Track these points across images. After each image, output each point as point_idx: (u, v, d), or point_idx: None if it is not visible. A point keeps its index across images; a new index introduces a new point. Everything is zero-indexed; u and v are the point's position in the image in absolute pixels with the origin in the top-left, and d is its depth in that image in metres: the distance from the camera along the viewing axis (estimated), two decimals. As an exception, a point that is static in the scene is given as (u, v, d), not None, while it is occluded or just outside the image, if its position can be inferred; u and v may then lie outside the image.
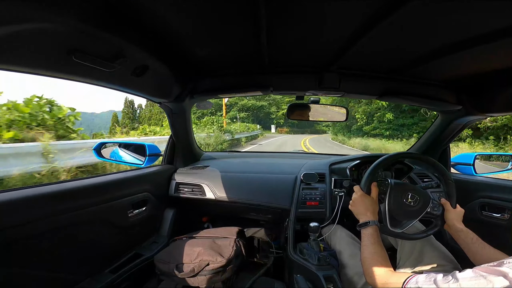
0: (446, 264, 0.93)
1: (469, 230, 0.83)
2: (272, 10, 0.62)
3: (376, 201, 0.90)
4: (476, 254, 0.78)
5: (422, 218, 0.91)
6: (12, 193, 0.77)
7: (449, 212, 0.90)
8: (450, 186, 0.97)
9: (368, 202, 0.88)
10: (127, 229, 1.21)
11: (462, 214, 0.90)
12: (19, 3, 0.46)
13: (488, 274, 0.48)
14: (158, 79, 1.01)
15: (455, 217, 0.88)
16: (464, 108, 1.14)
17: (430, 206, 0.92)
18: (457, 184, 0.95)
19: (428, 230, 0.94)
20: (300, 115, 1.37)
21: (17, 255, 0.77)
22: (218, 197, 1.45)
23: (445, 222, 0.91)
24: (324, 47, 0.86)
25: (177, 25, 0.73)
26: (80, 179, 1.02)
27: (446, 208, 0.91)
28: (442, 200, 0.94)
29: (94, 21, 0.61)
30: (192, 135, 1.58)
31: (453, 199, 0.93)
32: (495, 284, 0.46)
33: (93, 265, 1.04)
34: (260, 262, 1.50)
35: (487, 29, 0.64)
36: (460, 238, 0.84)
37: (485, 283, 0.47)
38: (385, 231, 0.90)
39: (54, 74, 0.70)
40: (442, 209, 0.92)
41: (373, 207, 0.87)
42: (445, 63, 0.89)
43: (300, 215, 1.31)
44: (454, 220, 0.88)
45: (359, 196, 0.91)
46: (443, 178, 1.00)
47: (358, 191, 0.94)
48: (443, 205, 0.93)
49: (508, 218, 1.12)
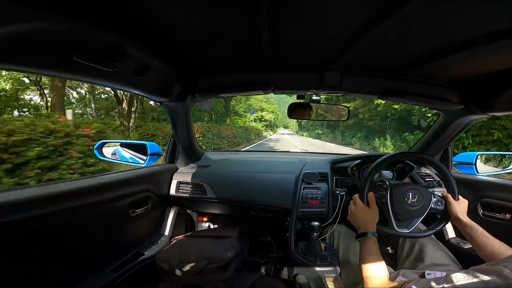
0: (449, 264, 0.93)
1: (475, 223, 0.82)
2: (274, 8, 0.62)
3: (374, 211, 0.88)
4: (482, 248, 0.77)
5: (427, 215, 0.90)
6: (13, 192, 0.77)
7: (452, 205, 0.89)
8: (448, 179, 0.96)
9: (366, 213, 0.88)
10: (129, 228, 1.21)
11: (466, 206, 0.89)
12: (18, 2, 0.46)
13: (481, 274, 0.47)
14: (159, 78, 1.01)
15: (459, 210, 0.88)
16: (466, 108, 1.14)
17: (432, 201, 0.91)
18: (458, 184, 0.94)
19: (436, 226, 0.93)
20: (301, 114, 1.37)
21: (18, 255, 0.77)
22: (219, 197, 1.45)
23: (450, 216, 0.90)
24: (326, 45, 0.86)
25: (178, 24, 0.73)
26: (82, 179, 1.03)
27: (449, 201, 0.90)
28: (444, 194, 0.93)
29: (94, 20, 0.60)
30: (193, 134, 1.58)
31: (454, 192, 0.92)
32: (488, 283, 0.45)
33: (94, 264, 1.04)
34: (261, 262, 1.50)
35: (490, 29, 0.64)
36: (465, 231, 0.83)
37: (479, 283, 0.46)
38: (393, 234, 0.90)
39: (55, 74, 0.71)
40: (445, 203, 0.92)
41: (371, 218, 0.86)
42: (448, 62, 0.88)
43: (301, 214, 1.31)
44: (459, 213, 0.87)
45: (358, 208, 0.90)
46: (440, 172, 1.00)
47: (356, 202, 0.92)
48: (445, 199, 0.92)
49: (510, 218, 1.12)
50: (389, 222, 0.88)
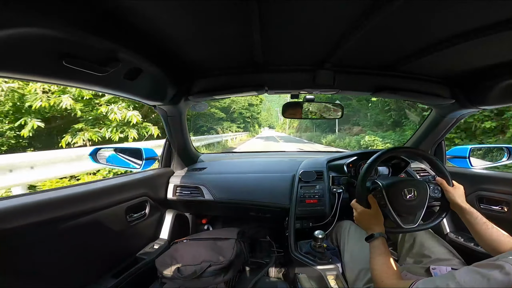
0: (451, 258, 0.94)
1: (474, 209, 0.82)
2: (265, 9, 0.62)
3: (377, 212, 0.88)
4: (482, 235, 0.77)
5: (428, 207, 0.90)
6: (12, 200, 0.76)
7: (448, 191, 0.89)
8: (436, 165, 0.96)
9: (370, 215, 0.87)
10: (127, 233, 1.20)
11: (462, 191, 0.89)
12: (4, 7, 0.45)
13: (484, 270, 0.48)
14: (152, 82, 1.00)
15: (456, 195, 0.88)
16: (457, 102, 1.15)
17: (429, 190, 0.92)
18: (453, 178, 0.95)
19: (438, 216, 0.93)
20: (295, 113, 1.37)
21: (18, 262, 0.76)
22: (217, 198, 1.45)
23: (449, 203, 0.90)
24: (318, 44, 0.87)
25: (169, 27, 0.72)
26: (78, 185, 1.01)
27: (444, 187, 0.90)
28: (438, 179, 0.92)
29: (83, 24, 0.60)
30: (188, 137, 1.57)
31: (446, 177, 0.92)
32: (490, 279, 0.46)
33: (94, 270, 1.03)
34: (262, 262, 1.50)
35: (479, 24, 0.65)
36: (465, 218, 0.83)
37: (480, 279, 0.47)
38: (402, 231, 0.90)
39: (43, 79, 0.69)
40: (442, 190, 0.92)
41: (375, 220, 0.86)
42: (438, 57, 0.89)
43: (299, 214, 1.31)
44: (456, 198, 0.87)
45: (360, 212, 0.89)
46: (427, 160, 1.00)
47: (356, 207, 0.91)
48: (440, 185, 0.92)
49: (507, 210, 1.13)
50: (395, 221, 0.88)
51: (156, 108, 1.29)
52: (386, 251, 0.78)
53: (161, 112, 1.33)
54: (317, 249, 1.07)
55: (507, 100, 1.04)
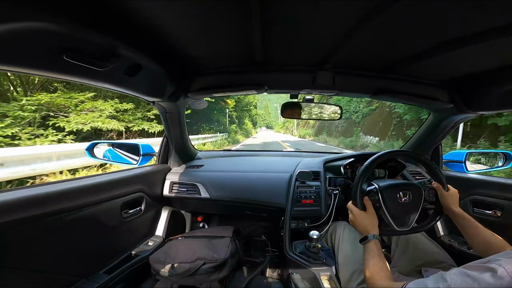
0: (443, 261, 0.95)
1: (466, 214, 0.84)
2: (266, 8, 0.62)
3: (372, 214, 0.88)
4: (474, 237, 0.79)
5: (422, 210, 0.92)
6: (4, 194, 0.75)
7: (443, 196, 0.91)
8: (433, 169, 0.98)
9: (364, 218, 0.88)
10: (122, 229, 1.19)
11: (457, 196, 0.91)
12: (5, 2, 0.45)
13: (474, 272, 0.48)
14: (152, 78, 1.00)
15: (450, 200, 0.90)
16: (455, 107, 1.16)
17: (424, 193, 0.93)
18: (448, 182, 0.96)
19: (431, 220, 0.95)
20: (294, 114, 1.37)
21: (10, 257, 0.75)
22: (213, 196, 1.45)
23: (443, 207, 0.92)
24: (318, 45, 0.87)
25: (170, 24, 0.72)
26: (74, 180, 1.01)
27: (439, 192, 0.93)
28: (434, 184, 0.95)
29: (85, 20, 0.60)
30: (186, 134, 1.57)
31: (442, 181, 0.94)
32: (480, 282, 0.46)
33: (88, 266, 1.03)
34: (256, 261, 1.50)
35: (479, 29, 0.66)
36: (458, 222, 0.85)
37: (471, 282, 0.47)
38: (396, 233, 0.91)
39: (44, 73, 0.69)
40: (436, 194, 0.94)
41: (370, 222, 0.87)
42: (437, 62, 0.90)
43: (295, 213, 1.31)
44: (450, 203, 0.89)
45: (355, 214, 0.90)
46: (424, 164, 1.01)
47: (351, 209, 0.92)
48: (435, 189, 0.94)
49: (500, 215, 1.15)
50: (389, 223, 0.89)
51: (155, 104, 1.28)
52: (379, 253, 0.78)
53: (160, 109, 1.33)
54: (312, 249, 1.07)
55: (506, 105, 1.05)
